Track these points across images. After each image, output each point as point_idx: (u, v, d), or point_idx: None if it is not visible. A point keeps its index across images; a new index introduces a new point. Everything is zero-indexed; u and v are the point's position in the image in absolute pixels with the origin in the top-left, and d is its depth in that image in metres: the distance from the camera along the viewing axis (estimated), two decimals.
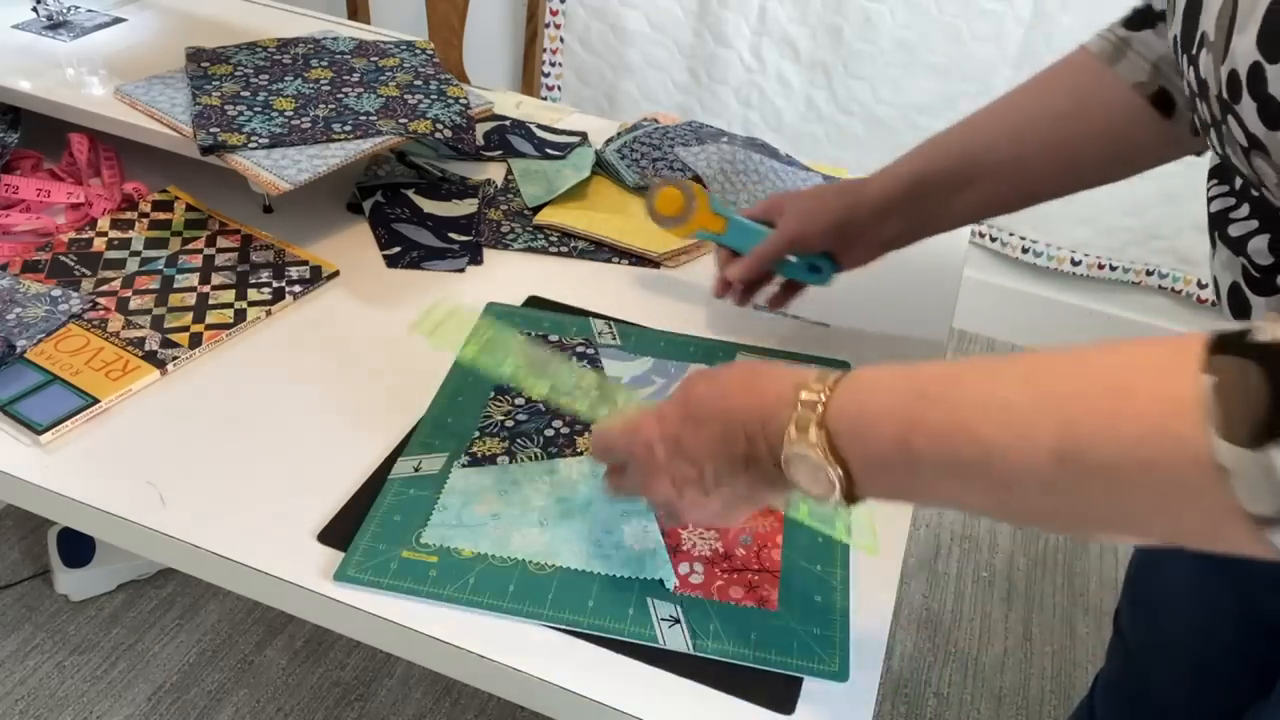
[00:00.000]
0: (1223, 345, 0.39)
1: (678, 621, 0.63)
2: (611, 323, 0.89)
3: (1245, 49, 0.48)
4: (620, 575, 0.66)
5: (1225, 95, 0.51)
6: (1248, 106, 0.49)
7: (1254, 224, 0.58)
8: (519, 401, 0.79)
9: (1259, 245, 0.57)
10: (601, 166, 1.12)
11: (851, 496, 0.50)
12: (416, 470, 0.72)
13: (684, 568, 0.67)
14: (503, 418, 0.77)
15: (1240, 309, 0.58)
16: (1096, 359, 0.44)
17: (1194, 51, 0.55)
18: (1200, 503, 0.40)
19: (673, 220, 0.85)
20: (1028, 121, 0.76)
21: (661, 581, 0.65)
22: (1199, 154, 0.73)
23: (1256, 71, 0.47)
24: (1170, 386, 0.40)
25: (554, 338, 0.86)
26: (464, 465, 0.73)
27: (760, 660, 0.61)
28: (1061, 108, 0.74)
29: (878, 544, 0.71)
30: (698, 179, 1.10)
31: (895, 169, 0.80)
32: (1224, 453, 0.38)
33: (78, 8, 1.18)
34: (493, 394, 0.80)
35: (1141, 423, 0.40)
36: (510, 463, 0.74)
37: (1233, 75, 0.50)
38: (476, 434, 0.76)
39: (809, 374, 0.51)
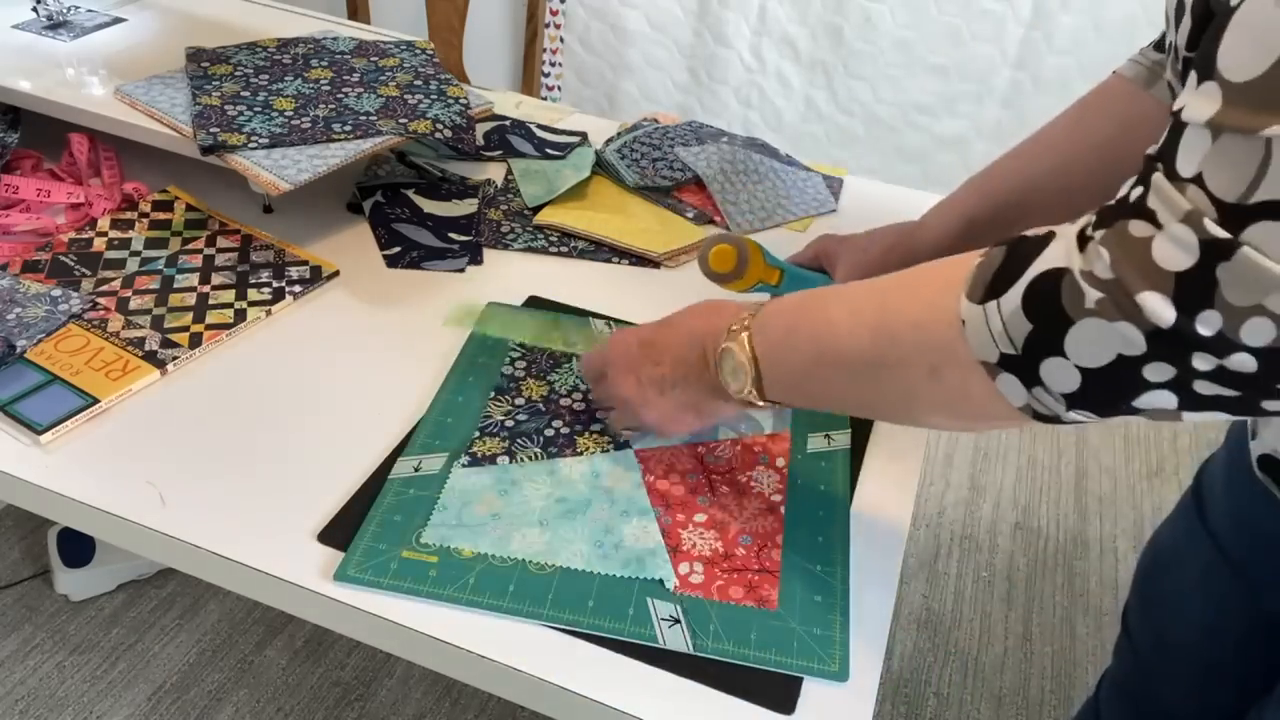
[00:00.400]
0: (1001, 241, 0.51)
1: (678, 621, 0.63)
2: (611, 323, 0.89)
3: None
4: (620, 575, 0.66)
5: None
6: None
7: None
8: (519, 401, 0.79)
9: None
10: (601, 166, 1.12)
11: (762, 390, 0.63)
12: (416, 470, 0.72)
13: (684, 567, 0.67)
14: (503, 418, 0.77)
15: None
16: (928, 265, 0.56)
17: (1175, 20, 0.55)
18: (953, 356, 0.50)
19: (727, 276, 0.84)
20: (1073, 152, 0.77)
21: (661, 581, 0.65)
22: None
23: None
24: (955, 270, 0.52)
25: (555, 336, 0.86)
26: (464, 465, 0.73)
27: (760, 660, 0.61)
28: (1105, 134, 0.75)
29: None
30: (697, 181, 1.10)
31: (945, 213, 0.82)
32: (963, 308, 0.50)
33: (78, 8, 1.18)
34: (493, 394, 0.80)
35: (926, 294, 0.53)
36: (510, 463, 0.74)
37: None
38: (476, 434, 0.76)
39: (755, 303, 0.64)
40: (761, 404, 0.64)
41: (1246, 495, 0.68)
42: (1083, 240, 0.46)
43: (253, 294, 0.88)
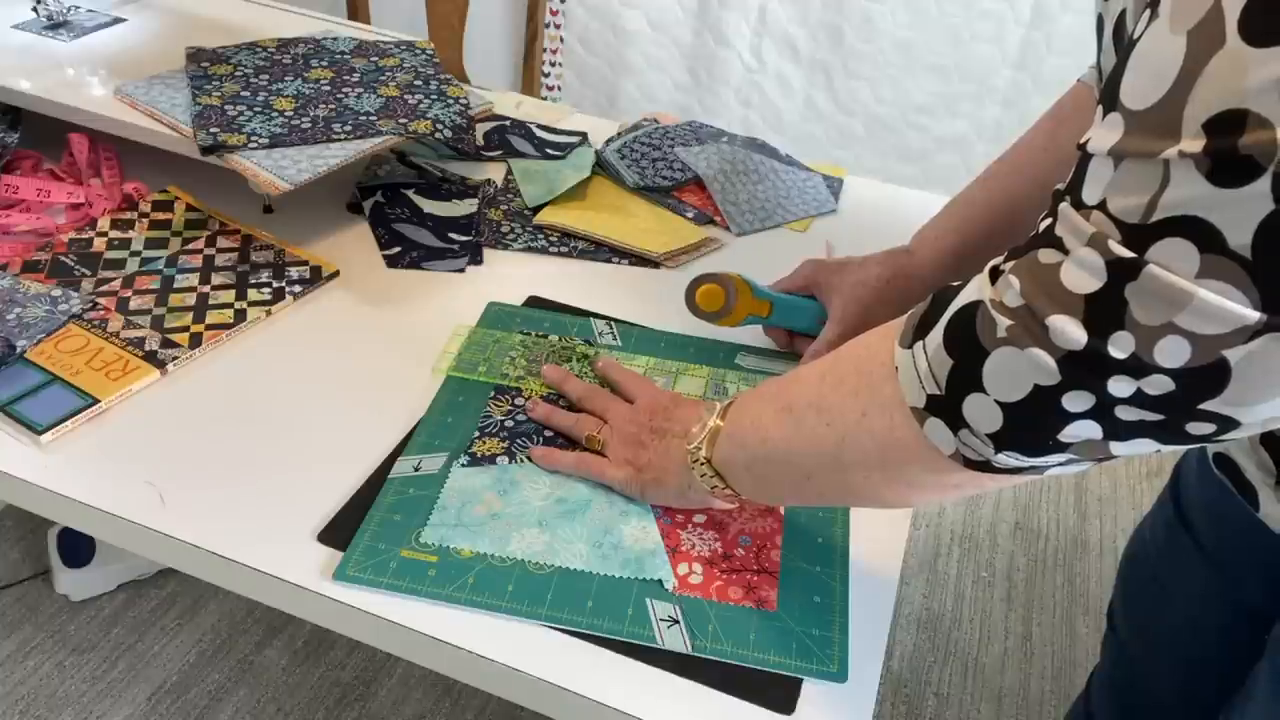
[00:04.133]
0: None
1: (676, 622, 0.63)
2: (612, 323, 0.89)
3: None
4: (619, 576, 0.66)
5: None
6: None
7: None
8: (519, 402, 0.79)
9: None
10: (601, 166, 1.12)
11: (722, 477, 0.65)
12: (416, 470, 0.72)
13: (683, 568, 0.67)
14: (503, 417, 0.77)
15: None
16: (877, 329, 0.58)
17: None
18: (886, 405, 0.52)
19: (716, 315, 0.84)
20: (1051, 163, 0.78)
21: (660, 582, 0.65)
22: None
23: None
24: (892, 325, 0.54)
25: (554, 337, 0.86)
26: (464, 465, 0.73)
27: (759, 661, 0.61)
28: (1075, 143, 0.75)
29: None
30: (697, 181, 1.10)
31: (936, 240, 0.83)
32: (897, 355, 0.52)
33: (78, 8, 1.18)
34: (493, 394, 0.80)
35: (865, 348, 0.56)
36: (510, 463, 0.74)
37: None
38: (476, 434, 0.76)
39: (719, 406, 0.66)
40: (734, 499, 0.66)
41: (1216, 489, 0.69)
42: (995, 273, 0.47)
43: (253, 294, 0.88)
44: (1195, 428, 0.43)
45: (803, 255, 1.05)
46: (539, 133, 1.18)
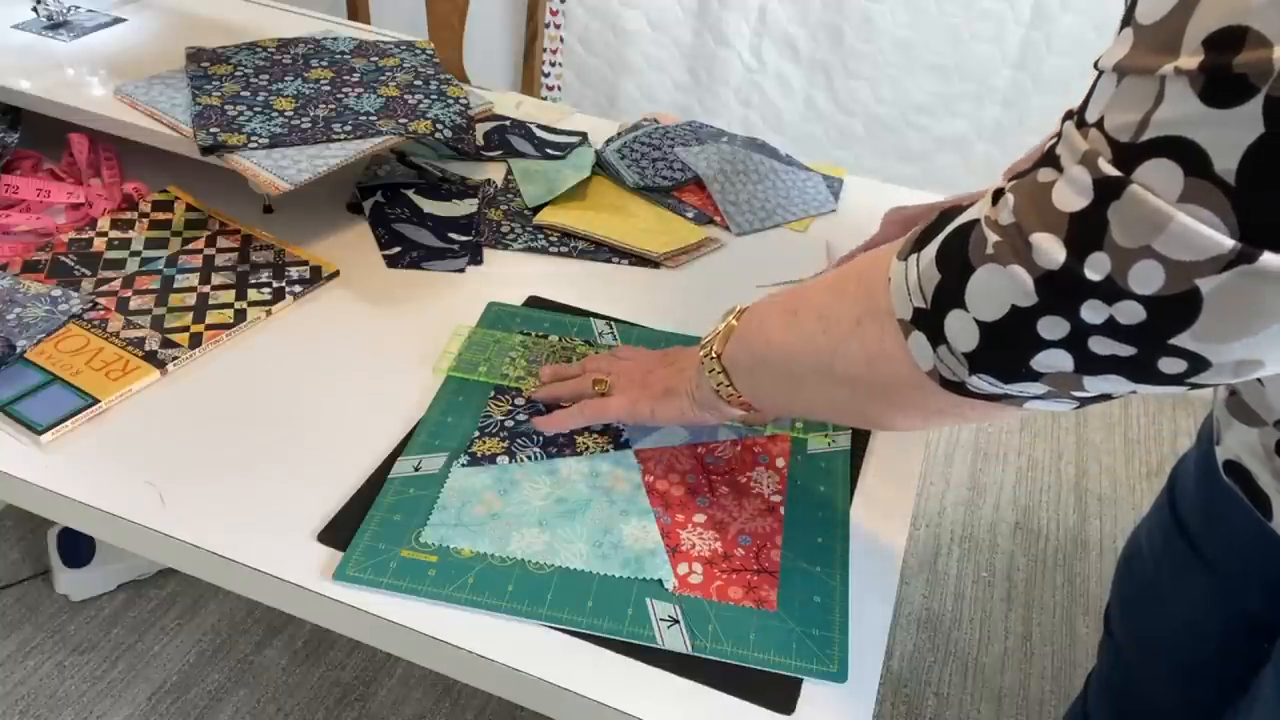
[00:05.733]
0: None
1: (676, 622, 0.63)
2: (612, 322, 0.89)
3: None
4: (619, 575, 0.66)
5: None
6: None
7: None
8: (519, 401, 0.79)
9: None
10: (601, 166, 1.12)
11: (731, 380, 0.66)
12: (416, 470, 0.72)
13: (683, 568, 0.67)
14: (503, 417, 0.77)
15: None
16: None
17: None
18: (876, 308, 0.53)
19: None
20: None
21: (660, 582, 0.65)
22: None
23: None
24: (900, 241, 0.54)
25: (554, 337, 0.86)
26: (464, 465, 0.73)
27: (759, 661, 0.61)
28: None
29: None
30: (697, 181, 1.10)
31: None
32: (891, 266, 0.52)
33: (78, 8, 1.18)
34: (493, 394, 0.80)
35: (871, 262, 0.55)
36: (510, 462, 0.74)
37: None
38: (476, 434, 0.76)
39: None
40: (738, 401, 0.67)
41: (1216, 495, 0.68)
42: (997, 194, 0.47)
43: (253, 294, 0.88)
44: (1167, 365, 0.43)
45: (802, 255, 1.05)
46: (539, 133, 1.18)
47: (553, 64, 2.31)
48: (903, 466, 0.79)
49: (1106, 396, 0.48)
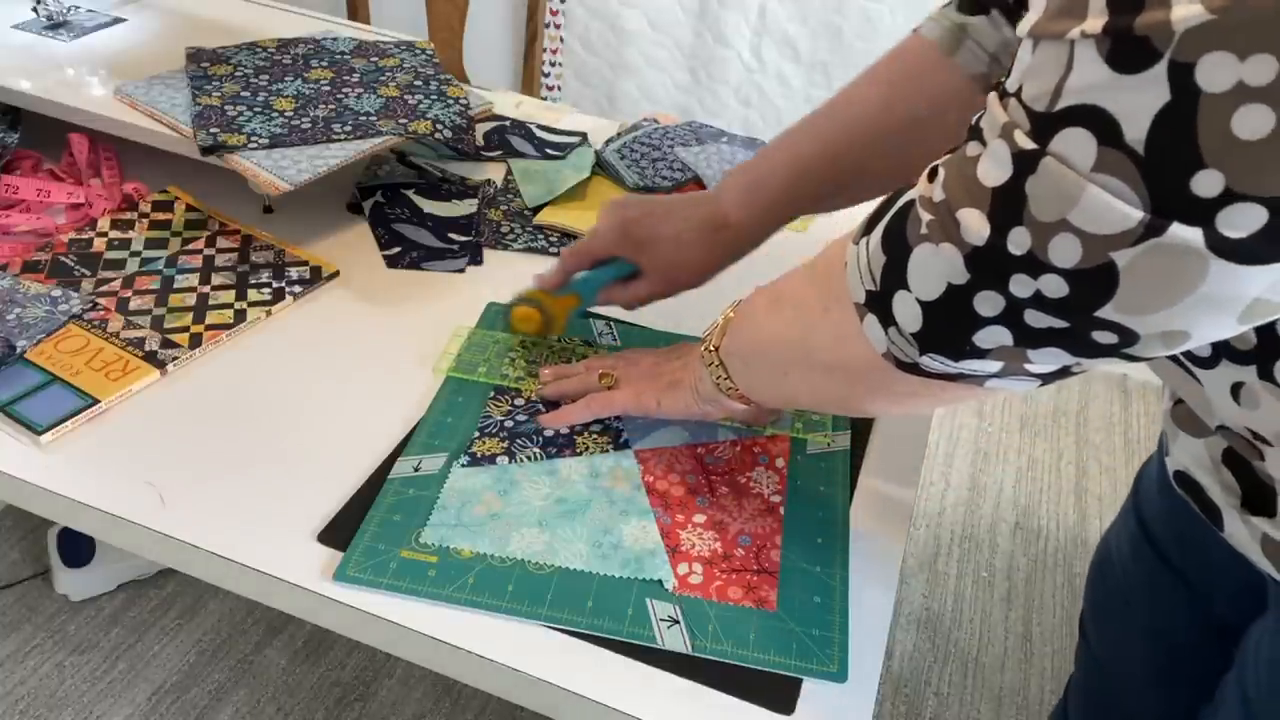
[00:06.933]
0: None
1: (676, 622, 0.63)
2: (612, 323, 0.89)
3: None
4: (619, 575, 0.66)
5: None
6: None
7: None
8: (519, 402, 0.79)
9: None
10: (601, 166, 1.12)
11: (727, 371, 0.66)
12: (416, 470, 0.72)
13: (683, 568, 0.67)
14: (502, 417, 0.77)
15: None
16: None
17: None
18: (843, 296, 0.52)
19: (541, 333, 0.83)
20: (884, 122, 0.73)
21: (660, 582, 0.65)
22: None
23: None
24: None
25: (554, 337, 0.86)
26: (464, 465, 0.73)
27: (759, 661, 0.61)
28: (916, 110, 0.72)
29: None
30: (697, 181, 1.10)
31: (756, 197, 0.77)
32: (848, 251, 0.52)
33: (78, 8, 1.18)
34: (492, 394, 0.80)
35: (838, 248, 0.55)
36: (510, 463, 0.74)
37: None
38: (476, 434, 0.76)
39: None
40: (736, 394, 0.67)
41: (1175, 503, 0.67)
42: (933, 172, 0.47)
43: (253, 294, 0.88)
44: (1099, 336, 0.43)
45: (803, 255, 1.05)
46: (539, 133, 1.18)
47: (553, 64, 2.31)
48: (903, 467, 0.79)
49: (1065, 372, 0.48)
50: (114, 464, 0.72)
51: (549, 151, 1.14)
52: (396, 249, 0.97)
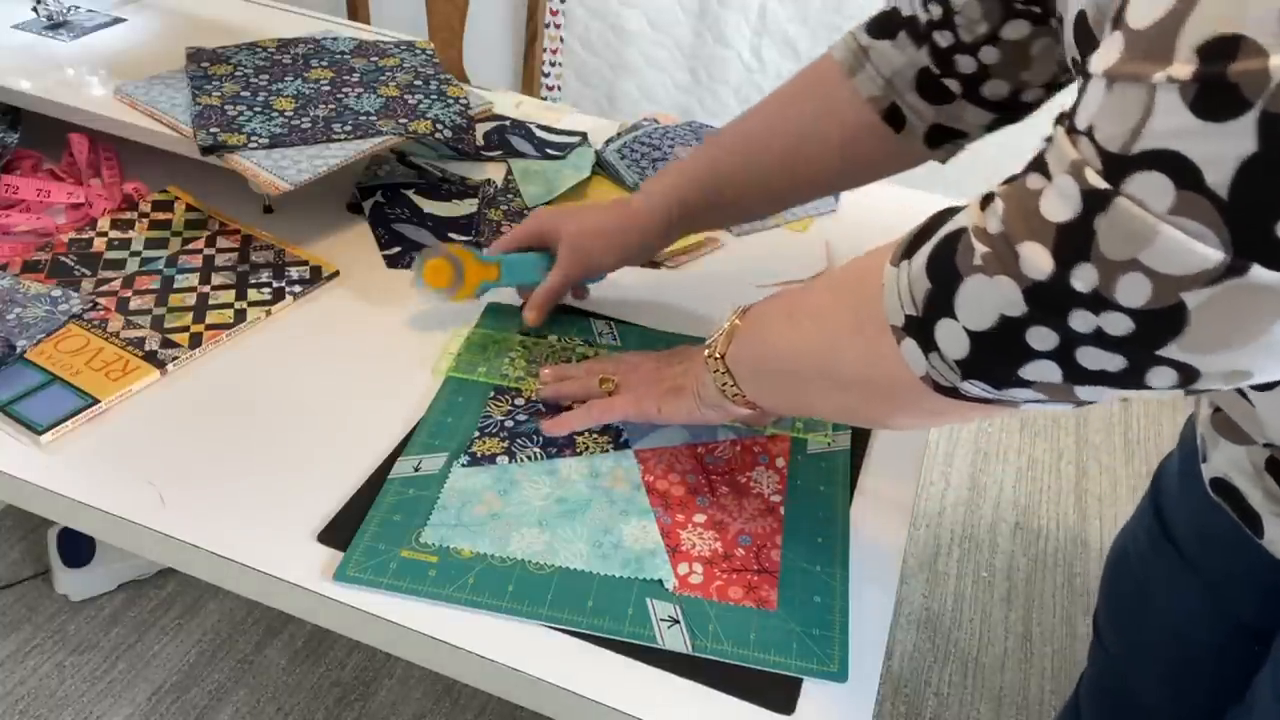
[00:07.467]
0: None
1: (677, 622, 0.63)
2: (612, 323, 0.89)
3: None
4: (620, 575, 0.66)
5: None
6: None
7: None
8: (519, 402, 0.79)
9: None
10: (601, 166, 1.12)
11: (735, 380, 0.67)
12: (416, 470, 0.72)
13: (683, 568, 0.67)
14: (502, 417, 0.77)
15: None
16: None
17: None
18: (874, 314, 0.52)
19: (450, 290, 0.84)
20: (769, 141, 0.80)
21: (661, 582, 0.65)
22: (943, 161, 0.77)
23: None
24: (895, 242, 0.53)
25: (552, 337, 0.86)
26: (464, 465, 0.73)
27: (760, 661, 0.61)
28: (802, 126, 0.78)
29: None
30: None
31: (661, 191, 0.84)
32: (885, 272, 0.52)
33: (78, 8, 1.18)
34: (492, 394, 0.80)
35: (868, 262, 0.55)
36: (510, 463, 0.74)
37: None
38: (476, 434, 0.76)
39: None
40: (743, 401, 0.67)
41: (1201, 504, 0.67)
42: (986, 200, 0.47)
43: (253, 294, 0.88)
44: (1156, 376, 0.42)
45: (802, 255, 1.05)
46: (539, 133, 1.18)
47: (553, 64, 2.31)
48: (903, 466, 0.79)
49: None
50: (114, 464, 0.72)
51: (549, 151, 1.14)
52: (396, 249, 0.97)
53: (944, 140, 0.75)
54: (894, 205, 1.10)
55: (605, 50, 2.27)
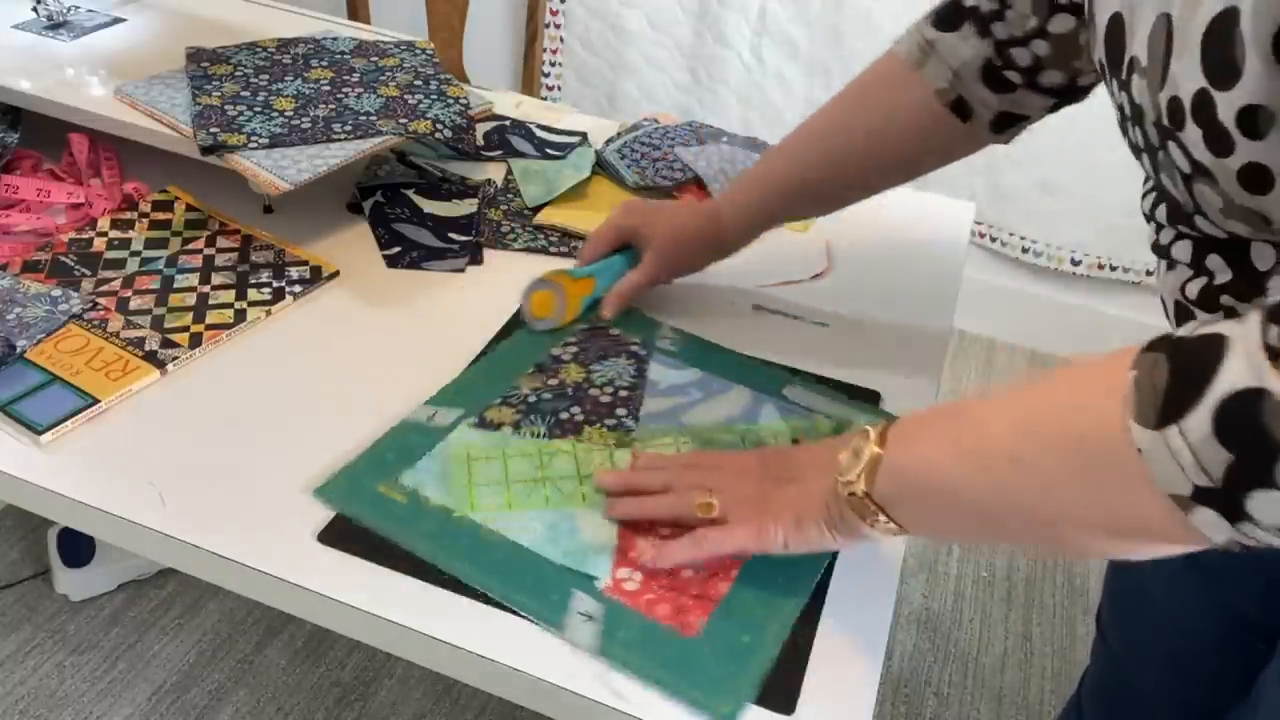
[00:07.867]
0: (1151, 343, 0.45)
1: (593, 619, 0.62)
2: (677, 331, 0.89)
3: (1188, 75, 0.48)
4: (558, 562, 0.66)
5: (1166, 122, 0.51)
6: (1192, 134, 0.49)
7: (1189, 246, 0.58)
8: (552, 382, 0.80)
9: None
10: (601, 166, 1.12)
11: (885, 511, 0.58)
12: (429, 420, 0.75)
13: (623, 573, 0.65)
14: (528, 392, 0.79)
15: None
16: (1071, 372, 0.51)
17: (1124, 76, 0.55)
18: (1127, 483, 0.46)
19: (554, 318, 0.87)
20: (847, 141, 0.82)
21: (594, 579, 0.65)
22: (1006, 143, 0.79)
23: (1203, 98, 0.47)
24: (1106, 379, 0.46)
25: (614, 331, 0.87)
26: (471, 425, 0.75)
27: (659, 679, 0.59)
28: (874, 124, 0.81)
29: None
30: (697, 181, 1.10)
31: (744, 198, 0.88)
32: (1137, 435, 0.44)
33: (78, 8, 1.18)
34: (532, 368, 0.82)
35: (1080, 411, 0.48)
36: (513, 434, 0.75)
37: (1174, 101, 0.49)
38: (497, 400, 0.78)
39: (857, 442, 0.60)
40: (898, 531, 0.59)
41: None
42: (1273, 353, 0.41)
43: (253, 294, 0.88)
44: None
45: (802, 255, 1.05)
46: (539, 133, 1.18)
47: (553, 64, 2.31)
48: None
49: None
50: (114, 464, 0.72)
51: (549, 151, 1.14)
52: (396, 249, 0.97)
53: (1009, 125, 0.77)
54: (891, 204, 1.10)
55: (605, 50, 2.27)
